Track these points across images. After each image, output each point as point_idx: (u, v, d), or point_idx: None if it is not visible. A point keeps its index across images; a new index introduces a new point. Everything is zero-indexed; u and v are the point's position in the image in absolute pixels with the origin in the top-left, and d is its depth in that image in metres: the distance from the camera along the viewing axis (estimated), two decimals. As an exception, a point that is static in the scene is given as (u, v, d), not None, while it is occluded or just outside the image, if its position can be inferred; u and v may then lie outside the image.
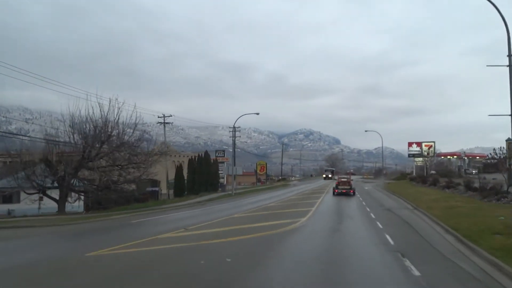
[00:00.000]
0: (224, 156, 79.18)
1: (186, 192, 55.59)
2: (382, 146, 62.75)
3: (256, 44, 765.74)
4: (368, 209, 29.81)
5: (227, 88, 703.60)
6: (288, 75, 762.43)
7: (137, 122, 34.81)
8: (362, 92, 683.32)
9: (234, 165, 54.05)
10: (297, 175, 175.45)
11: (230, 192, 50.31)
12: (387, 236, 16.87)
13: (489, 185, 35.22)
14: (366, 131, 65.01)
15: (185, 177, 57.42)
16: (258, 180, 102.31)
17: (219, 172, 75.31)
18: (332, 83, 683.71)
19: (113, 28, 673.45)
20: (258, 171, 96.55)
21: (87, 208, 38.03)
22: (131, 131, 34.81)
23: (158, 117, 57.59)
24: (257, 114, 50.11)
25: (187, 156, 78.15)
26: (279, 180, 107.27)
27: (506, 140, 54.73)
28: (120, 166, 34.16)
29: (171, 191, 57.37)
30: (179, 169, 56.90)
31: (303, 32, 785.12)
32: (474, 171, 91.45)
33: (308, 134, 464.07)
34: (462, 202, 30.63)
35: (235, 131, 51.88)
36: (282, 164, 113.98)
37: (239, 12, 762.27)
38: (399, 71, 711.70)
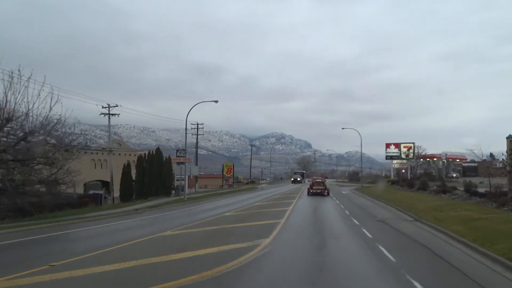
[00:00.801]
0: (185, 156, 70.20)
1: (134, 196, 46.50)
2: (361, 146, 55.46)
3: (227, 46, 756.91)
4: (356, 222, 21.83)
5: (198, 90, 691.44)
6: (259, 78, 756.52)
7: (52, 105, 25.67)
8: (333, 96, 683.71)
9: (186, 165, 45.36)
10: (268, 179, 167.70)
11: (183, 197, 41.58)
12: (417, 285, 8.78)
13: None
14: (343, 128, 57.68)
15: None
16: (227, 182, 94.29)
17: (175, 172, 66.87)
18: (304, 86, 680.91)
19: (82, 27, 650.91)
20: (224, 173, 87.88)
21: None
22: (42, 119, 25.69)
23: (102, 107, 48.32)
24: (216, 102, 41.45)
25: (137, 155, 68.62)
26: (247, 183, 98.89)
27: (507, 138, 48.08)
28: (20, 162, 24.99)
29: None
30: (126, 169, 47.76)
31: (274, 34, 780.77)
32: (454, 175, 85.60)
33: (280, 138, 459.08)
34: (476, 211, 23.28)
35: (187, 122, 43.05)
36: (251, 166, 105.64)
37: (209, 14, 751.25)
38: (370, 75, 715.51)
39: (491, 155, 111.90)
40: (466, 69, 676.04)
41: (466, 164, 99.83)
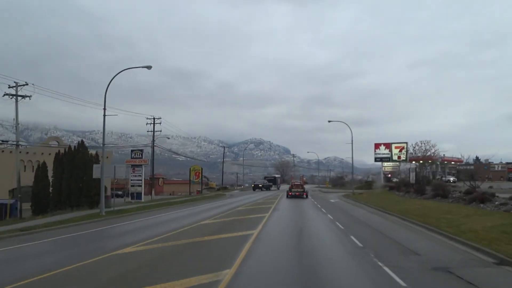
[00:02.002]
0: (141, 157, 57.07)
1: (49, 207, 33.30)
2: (352, 143, 43.44)
3: (205, 52, 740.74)
4: (391, 273, 9.34)
5: (176, 96, 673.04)
6: (238, 84, 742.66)
7: None
8: (312, 102, 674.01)
9: (110, 166, 32.65)
10: (246, 184, 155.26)
11: (105, 210, 28.53)
12: None
13: None
14: (329, 121, 45.42)
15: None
16: (203, 186, 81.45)
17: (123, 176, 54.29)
18: (282, 92, 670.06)
19: (58, 31, 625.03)
20: (191, 178, 74.81)
21: None
22: None
23: (9, 86, 34.95)
24: (149, 67, 28.43)
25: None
26: (218, 189, 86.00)
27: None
28: None
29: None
30: (40, 171, 34.53)
31: (252, 40, 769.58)
32: (452, 178, 74.38)
33: (258, 144, 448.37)
34: None
35: (105, 101, 29.74)
36: (223, 171, 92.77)
37: (187, 19, 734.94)
38: (348, 81, 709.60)
39: (477, 159, 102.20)
40: (444, 75, 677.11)
41: (461, 167, 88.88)
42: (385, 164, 73.62)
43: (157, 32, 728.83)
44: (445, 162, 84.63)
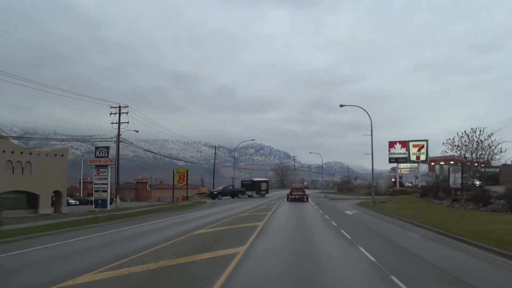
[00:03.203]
0: (107, 156, 45.36)
1: None
2: (372, 130, 31.58)
3: (204, 56, 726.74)
4: None
5: (175, 101, 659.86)
6: (237, 88, 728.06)
7: None
8: (311, 106, 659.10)
9: None
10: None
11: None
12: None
13: None
14: (341, 105, 33.50)
15: None
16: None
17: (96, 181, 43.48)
18: (282, 96, 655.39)
19: (57, 35, 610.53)
20: (175, 182, 62.87)
21: None
22: None
23: None
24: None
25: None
26: (207, 196, 73.92)
27: None
28: None
29: None
30: None
31: (251, 44, 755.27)
32: (478, 183, 62.33)
33: (259, 149, 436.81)
34: None
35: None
36: (214, 175, 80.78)
37: (185, 23, 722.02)
38: (347, 85, 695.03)
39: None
40: (443, 79, 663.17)
41: (483, 170, 76.74)
42: (402, 165, 61.66)
43: (156, 36, 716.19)
44: (468, 164, 72.43)
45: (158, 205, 43.57)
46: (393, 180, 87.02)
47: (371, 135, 35.17)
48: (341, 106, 35.89)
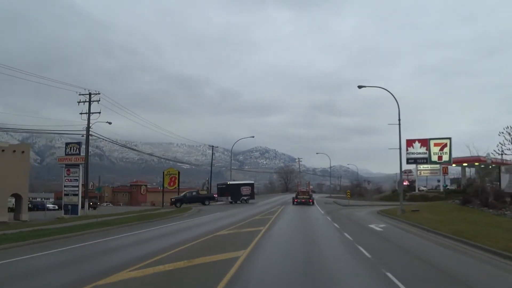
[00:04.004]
0: (79, 154, 37.75)
1: None
2: (399, 116, 23.35)
3: (208, 59, 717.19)
4: None
5: (180, 104, 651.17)
6: (241, 91, 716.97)
7: None
8: (316, 110, 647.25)
9: None
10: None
11: None
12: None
13: None
14: (360, 87, 25.35)
15: None
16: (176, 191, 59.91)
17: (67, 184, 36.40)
18: (286, 100, 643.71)
19: (60, 37, 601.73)
20: (166, 185, 55.07)
21: None
22: None
23: None
24: None
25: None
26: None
27: None
28: None
29: None
30: None
31: (256, 47, 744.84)
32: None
33: (264, 152, 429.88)
34: None
35: None
36: (211, 178, 72.89)
37: (188, 26, 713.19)
38: (352, 89, 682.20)
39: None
40: (448, 82, 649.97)
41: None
42: (422, 167, 53.44)
43: (158, 39, 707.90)
44: (493, 165, 64.06)
45: (136, 212, 35.77)
46: (405, 183, 78.99)
47: (399, 123, 27.15)
48: (360, 87, 28.01)
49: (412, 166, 55.82)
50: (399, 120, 27.13)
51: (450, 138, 51.68)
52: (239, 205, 45.05)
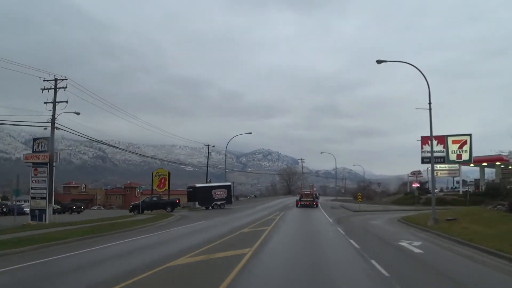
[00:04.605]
0: (46, 150, 31.94)
1: None
2: (430, 102, 17.60)
3: (210, 61, 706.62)
4: None
5: (182, 106, 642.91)
6: (243, 93, 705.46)
7: None
8: (319, 112, 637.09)
9: None
10: (253, 195, 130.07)
11: None
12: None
13: None
14: (379, 61, 19.52)
15: None
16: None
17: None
18: (288, 102, 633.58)
19: (62, 38, 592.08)
20: (155, 187, 49.31)
21: None
22: None
23: None
24: None
25: None
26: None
27: None
28: None
29: None
30: None
31: (256, 49, 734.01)
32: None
33: (267, 154, 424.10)
34: None
35: None
36: (207, 180, 66.86)
37: (189, 27, 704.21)
38: (355, 90, 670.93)
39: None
40: (452, 83, 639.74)
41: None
42: (438, 167, 47.38)
43: (159, 40, 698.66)
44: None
45: (109, 220, 29.89)
46: (414, 185, 72.85)
47: (429, 107, 21.32)
48: (379, 62, 22.33)
49: (425, 167, 49.66)
50: (430, 102, 21.38)
51: (470, 135, 45.74)
52: (228, 212, 38.32)
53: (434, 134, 47.49)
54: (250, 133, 56.11)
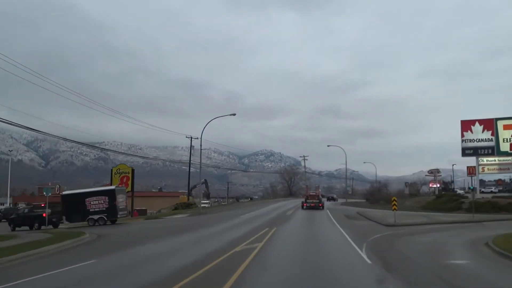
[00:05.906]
0: None
1: None
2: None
3: (211, 62, 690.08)
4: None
5: (184, 107, 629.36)
6: (245, 94, 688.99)
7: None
8: (320, 113, 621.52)
9: None
10: (256, 197, 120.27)
11: None
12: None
13: None
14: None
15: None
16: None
17: None
18: (290, 103, 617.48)
19: (62, 41, 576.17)
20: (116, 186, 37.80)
21: None
22: None
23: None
24: None
25: None
26: (189, 205, 49.07)
27: None
28: None
29: None
30: None
31: (258, 50, 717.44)
32: None
33: (269, 155, 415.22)
34: None
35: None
36: (189, 181, 55.40)
37: (190, 29, 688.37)
38: (357, 91, 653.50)
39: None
40: (455, 84, 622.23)
41: None
42: (485, 160, 35.40)
43: (160, 42, 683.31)
44: None
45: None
46: (432, 185, 61.20)
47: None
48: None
49: (468, 160, 37.53)
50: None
51: (528, 117, 33.98)
52: (155, 234, 21.01)
53: (479, 117, 35.46)
54: (235, 114, 44.09)
